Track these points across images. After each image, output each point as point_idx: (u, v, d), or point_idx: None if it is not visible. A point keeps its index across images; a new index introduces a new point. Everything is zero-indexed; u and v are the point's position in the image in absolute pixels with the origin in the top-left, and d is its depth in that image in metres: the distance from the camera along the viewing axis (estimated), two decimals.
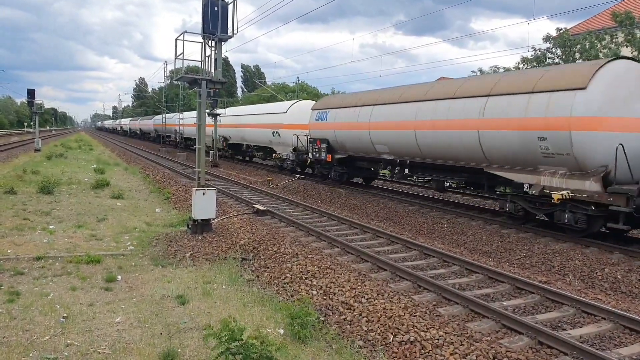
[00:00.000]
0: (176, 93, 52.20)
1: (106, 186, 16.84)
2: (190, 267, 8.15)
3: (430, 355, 4.98)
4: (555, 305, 6.64)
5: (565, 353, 5.08)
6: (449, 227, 12.00)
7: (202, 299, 6.59)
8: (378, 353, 5.14)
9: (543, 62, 21.32)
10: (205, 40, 10.46)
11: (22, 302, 6.18)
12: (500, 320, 5.86)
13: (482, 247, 10.39)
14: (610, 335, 5.72)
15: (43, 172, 20.03)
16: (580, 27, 27.05)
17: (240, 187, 18.91)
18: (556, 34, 21.13)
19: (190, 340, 5.31)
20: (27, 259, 8.05)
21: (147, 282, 7.23)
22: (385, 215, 13.83)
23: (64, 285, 6.93)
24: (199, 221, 10.02)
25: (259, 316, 6.06)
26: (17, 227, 10.24)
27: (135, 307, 6.20)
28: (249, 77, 78.86)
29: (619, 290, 7.89)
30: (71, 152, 35.42)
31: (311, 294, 6.77)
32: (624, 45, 18.93)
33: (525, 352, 5.07)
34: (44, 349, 4.96)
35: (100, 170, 21.90)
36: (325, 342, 5.49)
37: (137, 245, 9.37)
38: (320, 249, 9.15)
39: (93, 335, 5.33)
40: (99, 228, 10.77)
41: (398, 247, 9.72)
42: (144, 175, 21.90)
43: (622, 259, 8.90)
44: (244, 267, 8.35)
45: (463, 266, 8.29)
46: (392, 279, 7.62)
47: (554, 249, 9.67)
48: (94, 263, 7.99)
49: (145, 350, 5.03)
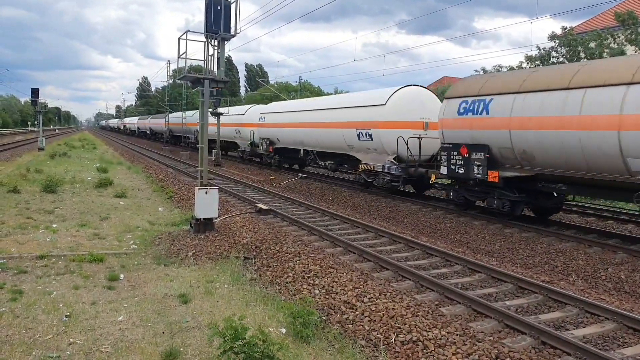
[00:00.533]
0: (179, 92, 52.33)
1: (109, 185, 16.88)
2: (192, 266, 8.16)
3: (433, 355, 4.97)
4: (558, 305, 6.61)
5: (568, 353, 5.06)
6: (451, 226, 11.98)
7: (204, 298, 6.60)
8: (380, 353, 5.13)
9: (547, 61, 21.23)
10: (208, 39, 10.47)
11: (25, 300, 6.20)
12: (503, 320, 5.84)
13: (484, 247, 10.36)
14: (613, 336, 5.69)
15: (46, 171, 20.10)
16: (584, 26, 26.94)
17: (243, 186, 18.93)
18: (561, 33, 21.04)
19: (193, 339, 5.32)
20: (30, 257, 8.08)
21: (149, 281, 7.25)
22: (388, 214, 13.82)
23: (66, 283, 6.95)
24: (201, 220, 10.03)
25: (261, 315, 6.06)
26: (21, 226, 10.28)
27: (137, 306, 6.21)
28: (252, 77, 78.94)
29: (623, 290, 7.85)
30: (74, 151, 35.54)
31: (313, 294, 6.76)
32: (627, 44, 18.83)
33: (528, 352, 5.06)
34: (47, 347, 4.97)
35: (103, 169, 21.97)
36: (327, 341, 5.48)
37: (139, 244, 9.39)
38: (323, 248, 9.15)
39: (95, 334, 5.34)
40: (101, 227, 10.80)
41: (400, 246, 9.71)
42: (146, 174, 21.95)
43: (625, 259, 8.86)
44: (247, 266, 8.36)
45: (466, 266, 8.27)
46: (395, 278, 7.61)
47: (557, 249, 9.64)
48: (96, 262, 8.01)
49: (147, 349, 5.03)
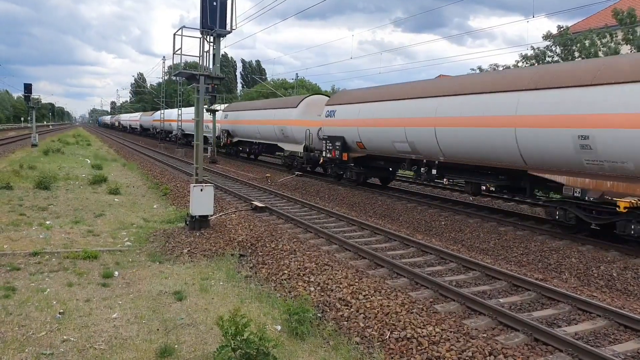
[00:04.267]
0: (175, 89, 52.03)
1: (104, 182, 16.79)
2: (187, 264, 8.15)
3: (427, 351, 5.00)
4: (551, 303, 6.67)
5: (560, 350, 5.10)
6: (446, 224, 12.02)
7: (199, 295, 6.59)
8: (375, 349, 5.15)
9: (542, 60, 21.32)
10: (203, 35, 10.43)
11: (18, 297, 6.17)
12: (497, 317, 5.87)
13: (479, 245, 10.42)
14: (605, 333, 5.74)
15: (40, 167, 19.97)
16: (580, 25, 27.04)
17: (239, 183, 18.90)
18: (557, 32, 21.11)
19: (187, 336, 5.31)
20: (24, 254, 8.03)
21: (144, 278, 7.23)
22: (384, 212, 13.85)
23: (60, 281, 6.92)
24: (196, 217, 10.01)
25: (256, 312, 6.07)
26: (14, 223, 10.21)
27: (132, 303, 6.19)
28: (248, 73, 78.76)
29: (615, 288, 7.92)
30: (69, 147, 35.31)
31: (309, 291, 6.78)
32: (623, 44, 18.92)
33: (521, 349, 5.10)
34: (40, 344, 4.95)
35: (97, 166, 21.85)
36: (322, 338, 5.50)
37: (134, 241, 9.36)
38: (318, 245, 9.16)
39: (89, 331, 5.32)
40: (96, 224, 10.75)
41: (396, 244, 9.74)
42: (142, 171, 21.86)
43: (617, 257, 8.93)
44: (242, 263, 8.35)
45: (460, 263, 8.31)
46: (390, 275, 7.63)
47: (550, 247, 9.70)
48: (91, 259, 7.98)
49: (142, 346, 5.03)
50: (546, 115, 9.69)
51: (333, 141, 17.82)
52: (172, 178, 18.89)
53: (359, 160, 17.47)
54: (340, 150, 17.39)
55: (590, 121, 8.84)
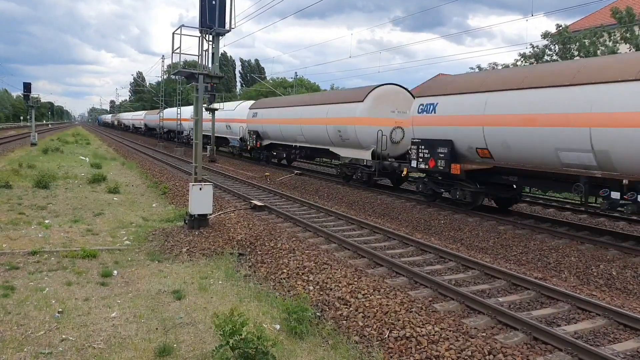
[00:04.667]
0: (174, 88, 52.01)
1: (103, 181, 16.78)
2: (186, 262, 8.14)
3: (426, 350, 4.99)
4: (550, 302, 6.67)
5: (559, 349, 5.10)
6: (445, 223, 12.02)
7: (198, 294, 6.58)
8: (374, 348, 5.15)
9: (541, 59, 21.31)
10: (202, 34, 10.40)
11: (17, 296, 6.16)
12: (496, 316, 5.87)
13: (478, 244, 10.42)
14: (604, 332, 5.74)
15: (39, 166, 19.94)
16: (579, 24, 27.01)
17: (238, 182, 18.88)
18: (555, 31, 21.10)
19: (186, 335, 5.30)
20: (22, 253, 8.01)
21: (143, 277, 7.22)
22: (383, 211, 13.84)
23: (59, 280, 6.91)
24: (195, 216, 10.00)
25: (255, 311, 6.06)
26: (13, 222, 10.20)
27: (131, 302, 6.18)
28: (247, 72, 78.70)
29: (614, 287, 7.93)
30: (68, 146, 35.27)
31: (308, 290, 6.77)
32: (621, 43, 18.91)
33: (520, 348, 5.09)
34: (39, 343, 4.94)
35: (96, 164, 21.82)
36: (321, 337, 5.49)
37: (133, 240, 9.35)
38: (317, 244, 9.15)
39: (88, 330, 5.31)
40: (95, 223, 10.73)
41: (395, 243, 9.73)
42: (141, 170, 21.84)
43: (617, 256, 8.94)
44: (241, 262, 8.35)
45: (459, 262, 8.31)
46: (389, 274, 7.63)
47: (549, 246, 9.70)
48: (89, 258, 7.97)
49: (140, 345, 5.02)
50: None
51: (432, 147, 12.88)
52: (171, 177, 18.87)
53: (475, 175, 12.53)
54: (446, 160, 12.44)
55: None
